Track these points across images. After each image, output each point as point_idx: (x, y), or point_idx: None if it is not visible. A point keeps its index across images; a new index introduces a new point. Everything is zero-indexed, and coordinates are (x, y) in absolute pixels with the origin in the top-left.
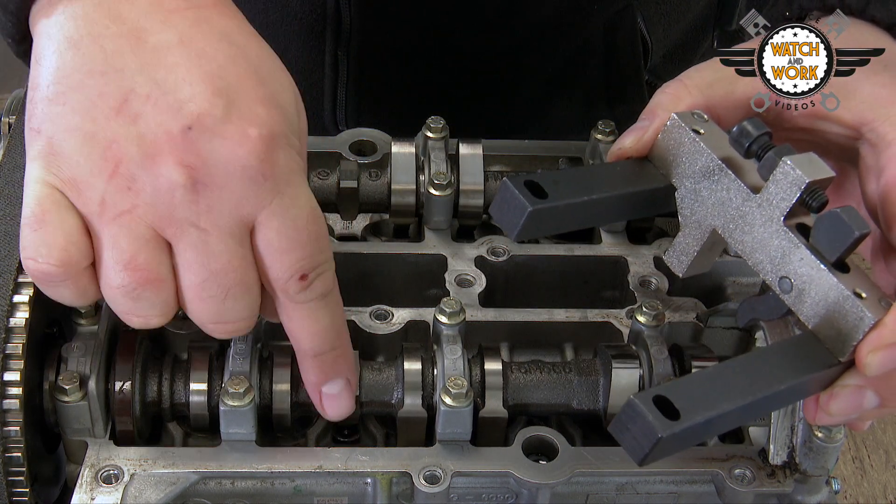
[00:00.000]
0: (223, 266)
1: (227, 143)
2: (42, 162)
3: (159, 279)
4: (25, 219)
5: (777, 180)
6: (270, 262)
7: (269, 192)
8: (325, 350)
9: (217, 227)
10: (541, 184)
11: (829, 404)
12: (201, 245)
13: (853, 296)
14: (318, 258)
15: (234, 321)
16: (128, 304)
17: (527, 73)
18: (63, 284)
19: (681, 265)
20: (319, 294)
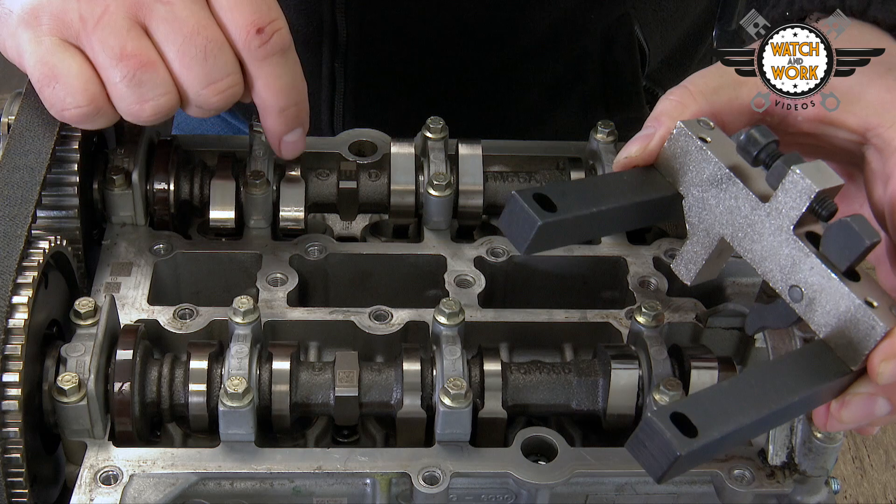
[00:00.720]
0: (193, 27)
1: None
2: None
3: (151, 60)
4: (39, 80)
5: (786, 189)
6: (227, 22)
7: None
8: (289, 105)
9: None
10: (550, 196)
11: (840, 412)
12: (170, 16)
13: (864, 305)
14: (268, 14)
15: (223, 76)
16: (135, 93)
17: (524, 83)
18: (97, 116)
19: (689, 273)
20: (278, 49)
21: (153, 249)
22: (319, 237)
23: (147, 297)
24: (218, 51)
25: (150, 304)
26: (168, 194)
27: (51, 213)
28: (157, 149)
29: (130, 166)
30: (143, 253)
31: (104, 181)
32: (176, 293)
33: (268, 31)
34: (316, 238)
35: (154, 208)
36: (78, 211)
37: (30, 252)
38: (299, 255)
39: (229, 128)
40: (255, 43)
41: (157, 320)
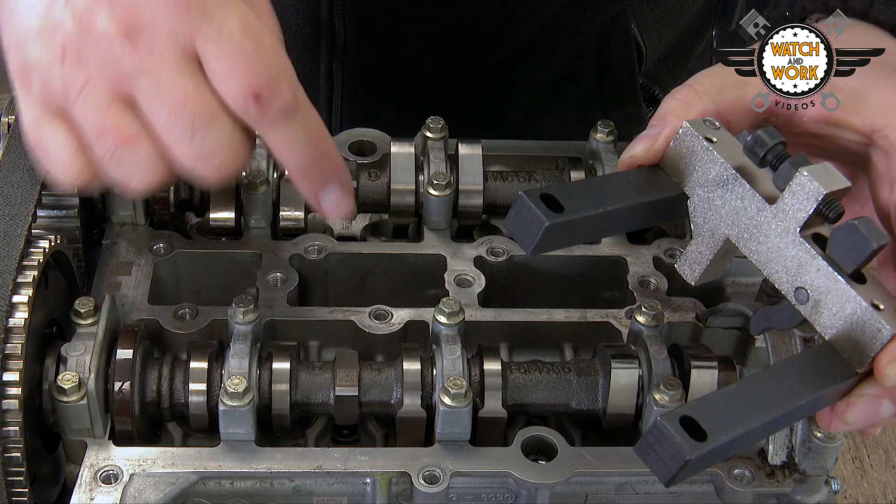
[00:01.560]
0: (178, 99)
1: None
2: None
3: (132, 136)
4: (31, 149)
5: (793, 191)
6: (222, 90)
7: (197, 18)
8: (309, 164)
9: (163, 66)
10: (556, 197)
11: (845, 413)
12: (154, 87)
13: (871, 307)
14: (264, 75)
15: (215, 152)
16: (118, 170)
17: (521, 81)
18: (91, 183)
19: (693, 273)
20: (281, 111)
21: (153, 249)
22: (319, 237)
23: (147, 297)
24: (208, 123)
25: (150, 303)
26: (168, 194)
27: (51, 213)
28: None
29: None
30: (143, 252)
31: None
32: (176, 293)
33: (267, 96)
34: (316, 238)
35: (154, 208)
36: (78, 210)
37: (30, 251)
38: (299, 255)
39: None
40: (255, 111)
41: (157, 320)
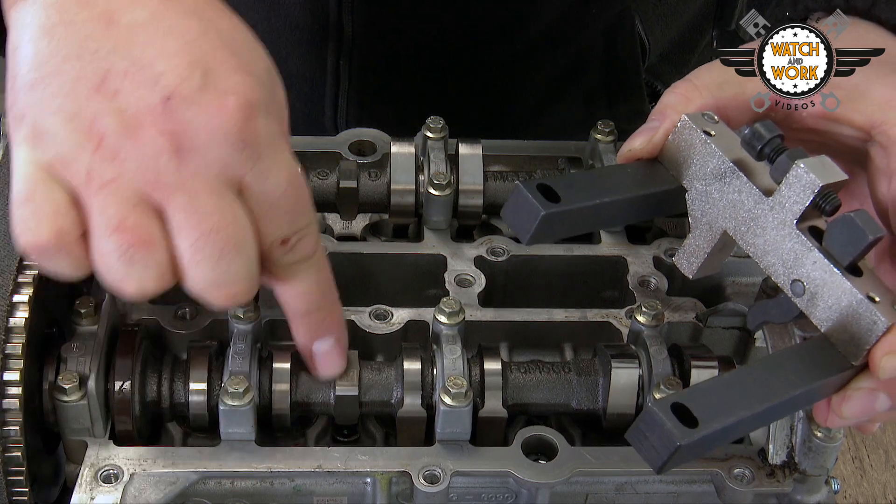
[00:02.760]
0: (214, 224)
1: (206, 110)
2: (28, 145)
3: (150, 240)
4: (15, 197)
5: (790, 184)
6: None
7: (250, 159)
8: (312, 310)
9: (205, 189)
10: (553, 187)
11: (841, 407)
12: (191, 206)
13: (867, 300)
14: (298, 223)
15: (233, 283)
16: (122, 270)
17: (527, 77)
18: (58, 256)
19: (691, 267)
20: (302, 257)
21: None
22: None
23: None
24: (236, 254)
25: (150, 303)
26: None
27: None
28: None
29: None
30: None
31: None
32: (176, 292)
33: (293, 243)
34: None
35: None
36: None
37: None
38: None
39: None
40: (278, 252)
41: (157, 320)
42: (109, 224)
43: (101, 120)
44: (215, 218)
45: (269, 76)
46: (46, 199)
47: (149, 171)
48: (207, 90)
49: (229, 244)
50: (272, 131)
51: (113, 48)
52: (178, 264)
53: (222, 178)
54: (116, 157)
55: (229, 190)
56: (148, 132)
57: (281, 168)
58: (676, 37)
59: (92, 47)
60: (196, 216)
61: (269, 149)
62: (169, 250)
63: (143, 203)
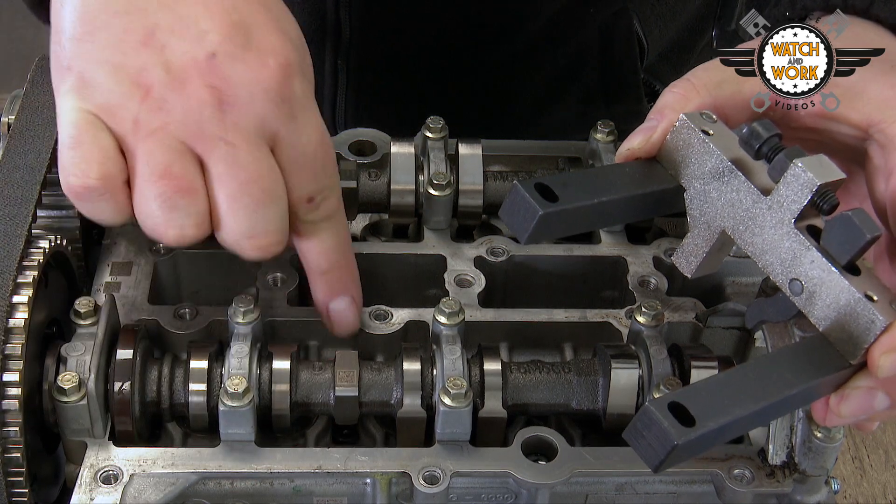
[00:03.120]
0: (252, 175)
1: (249, 68)
2: (75, 94)
3: (193, 188)
4: (63, 142)
5: (788, 182)
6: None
7: (287, 115)
8: (331, 268)
9: (244, 141)
10: (551, 187)
11: (839, 406)
12: (231, 157)
13: (864, 298)
14: (324, 182)
15: (265, 233)
16: (164, 215)
17: (524, 77)
18: (102, 199)
19: (689, 266)
20: (325, 216)
21: (153, 249)
22: None
23: (147, 297)
24: (270, 204)
25: (150, 303)
26: None
27: (51, 213)
28: None
29: None
30: (143, 252)
31: None
32: (176, 293)
33: (318, 201)
34: None
35: None
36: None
37: (30, 251)
38: None
39: None
40: (304, 209)
41: (158, 320)
42: (155, 170)
43: (148, 71)
44: (252, 169)
45: (301, 40)
46: (95, 144)
47: (193, 121)
48: (250, 49)
49: (265, 195)
50: (306, 92)
51: (160, 5)
52: (216, 213)
53: (260, 133)
54: (163, 107)
55: (265, 144)
56: (193, 85)
57: (313, 127)
58: (675, 37)
59: (140, 4)
60: (236, 167)
61: (303, 108)
62: (208, 199)
63: (187, 152)
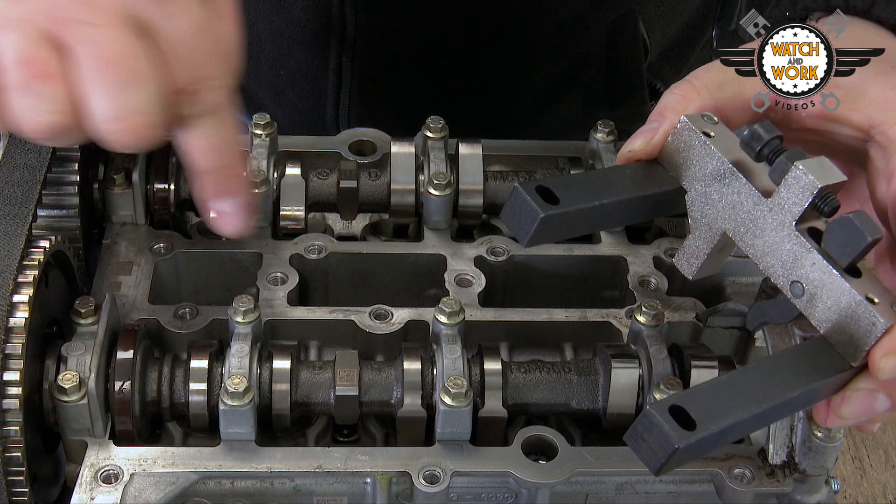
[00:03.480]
0: (114, 53)
1: None
2: None
3: (53, 73)
4: None
5: (789, 185)
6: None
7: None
8: (215, 167)
9: (107, 22)
10: (552, 189)
11: (840, 407)
12: (91, 37)
13: (865, 301)
14: (203, 72)
15: (133, 115)
16: (27, 102)
17: (529, 77)
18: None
19: (690, 267)
20: (205, 109)
21: (153, 249)
22: (319, 237)
23: (147, 297)
24: (135, 83)
25: (150, 303)
26: (168, 193)
27: (51, 212)
28: (158, 148)
29: (131, 165)
30: (143, 252)
31: (104, 180)
32: (176, 292)
33: (195, 91)
34: (316, 238)
35: (154, 207)
36: (78, 210)
37: (30, 251)
38: (299, 255)
39: None
40: (182, 100)
41: (158, 319)
42: (13, 57)
43: None
44: (116, 48)
45: None
46: None
47: (51, 7)
48: None
49: (128, 74)
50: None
51: None
52: (82, 99)
53: (125, 15)
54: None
55: (133, 27)
56: None
57: (190, 14)
58: (676, 35)
59: None
60: (96, 46)
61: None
62: (71, 86)
63: (46, 40)
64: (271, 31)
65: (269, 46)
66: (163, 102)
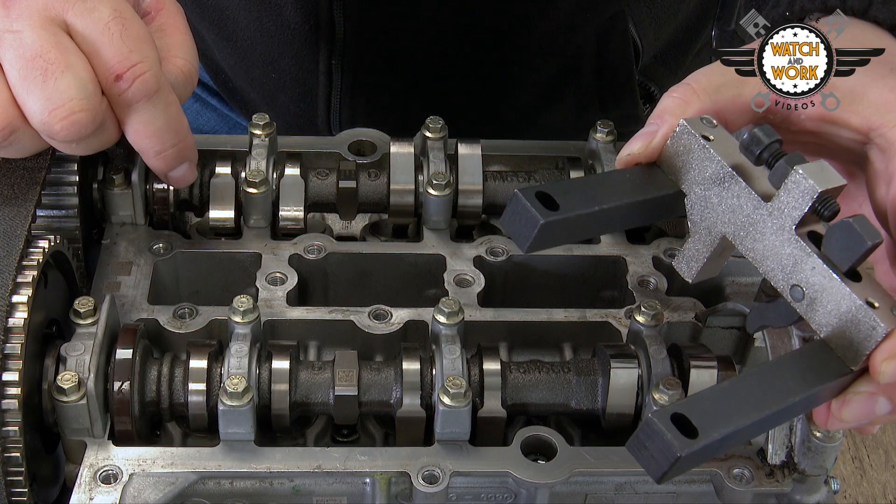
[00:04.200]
0: (35, 51)
1: None
2: None
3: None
4: None
5: (788, 189)
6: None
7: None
8: (164, 148)
9: (28, 27)
10: (552, 195)
11: (841, 411)
12: (15, 42)
13: (866, 305)
14: (129, 58)
15: (65, 102)
16: None
17: (520, 80)
18: None
19: (690, 271)
20: (142, 94)
21: (153, 249)
22: (319, 237)
23: (147, 297)
24: (62, 73)
25: (149, 303)
26: (167, 194)
27: (50, 213)
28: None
29: (130, 166)
30: (142, 252)
31: (104, 181)
32: (176, 292)
33: (128, 77)
34: (315, 238)
35: (153, 208)
36: (77, 210)
37: (29, 251)
38: (299, 255)
39: (226, 121)
40: (115, 90)
41: (157, 320)
42: None
43: None
44: (36, 46)
45: None
46: None
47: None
48: None
49: (53, 65)
50: None
51: None
52: (19, 103)
53: (44, 16)
54: None
55: (53, 27)
56: None
57: (105, 4)
58: (670, 38)
59: None
60: (20, 48)
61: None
62: (8, 89)
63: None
64: (262, 34)
65: (260, 49)
66: (92, 90)
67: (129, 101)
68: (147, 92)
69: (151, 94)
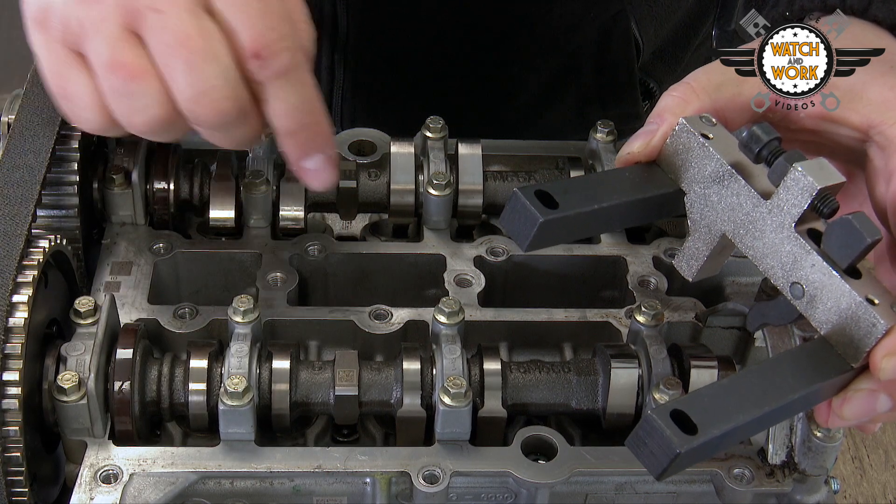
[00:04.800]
0: (181, 36)
1: None
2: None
3: (140, 71)
4: (53, 93)
5: (788, 186)
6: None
7: None
8: (297, 129)
9: (172, 6)
10: (551, 193)
11: (842, 408)
12: (159, 24)
13: (866, 302)
14: (267, 36)
15: (210, 91)
16: (125, 104)
17: (521, 80)
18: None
19: (690, 269)
20: (279, 72)
21: (153, 249)
22: (319, 237)
23: (147, 297)
24: (207, 62)
25: (150, 303)
26: (168, 194)
27: (51, 213)
28: (157, 148)
29: (130, 165)
30: (142, 252)
31: (104, 180)
32: (176, 292)
33: (266, 55)
34: (316, 238)
35: (154, 208)
36: (78, 210)
37: (30, 251)
38: (299, 255)
39: None
40: (254, 66)
41: (157, 319)
42: (103, 64)
43: None
44: (180, 30)
45: None
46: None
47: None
48: None
49: (198, 53)
50: None
51: None
52: (167, 87)
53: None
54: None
55: (197, 7)
56: None
57: None
58: (669, 35)
59: None
60: (165, 32)
61: None
62: (159, 78)
63: (128, 36)
64: None
65: None
66: (237, 73)
67: (266, 78)
68: (285, 69)
69: (289, 72)
